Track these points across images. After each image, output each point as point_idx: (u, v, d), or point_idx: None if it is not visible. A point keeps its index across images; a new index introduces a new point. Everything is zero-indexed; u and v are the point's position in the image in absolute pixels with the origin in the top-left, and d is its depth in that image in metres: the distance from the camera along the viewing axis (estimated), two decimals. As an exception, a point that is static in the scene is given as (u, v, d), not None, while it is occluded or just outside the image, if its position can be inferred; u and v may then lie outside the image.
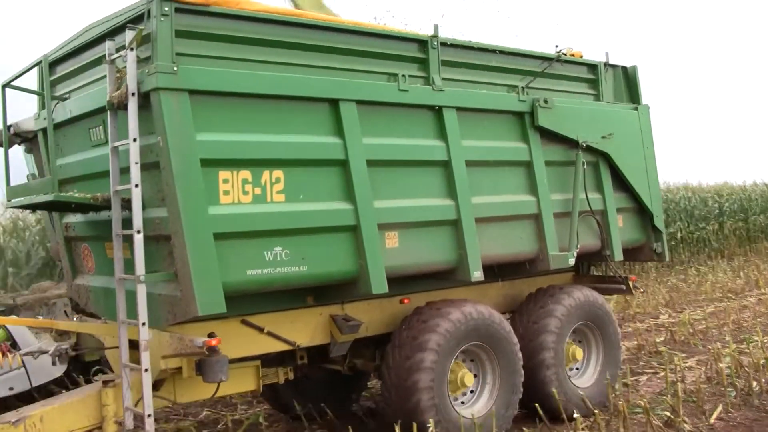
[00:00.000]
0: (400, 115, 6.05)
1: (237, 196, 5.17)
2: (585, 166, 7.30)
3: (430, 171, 6.24)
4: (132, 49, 4.91)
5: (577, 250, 7.20)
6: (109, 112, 5.13)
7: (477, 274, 6.41)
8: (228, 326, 5.65)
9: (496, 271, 7.14)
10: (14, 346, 7.32)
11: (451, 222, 6.31)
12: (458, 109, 6.38)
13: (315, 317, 6.14)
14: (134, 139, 4.92)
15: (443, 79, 6.34)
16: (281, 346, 6.00)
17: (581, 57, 7.72)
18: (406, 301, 6.63)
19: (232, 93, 5.13)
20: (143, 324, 4.98)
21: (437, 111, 6.25)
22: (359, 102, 5.74)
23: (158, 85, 4.78)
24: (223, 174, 5.11)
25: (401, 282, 6.25)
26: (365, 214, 5.71)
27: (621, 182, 7.79)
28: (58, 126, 6.03)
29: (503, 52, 6.91)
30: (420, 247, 6.17)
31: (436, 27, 6.33)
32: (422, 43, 6.28)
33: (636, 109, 8.01)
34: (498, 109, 6.74)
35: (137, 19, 5.04)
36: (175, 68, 4.84)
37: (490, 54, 6.81)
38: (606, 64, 7.90)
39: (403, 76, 6.03)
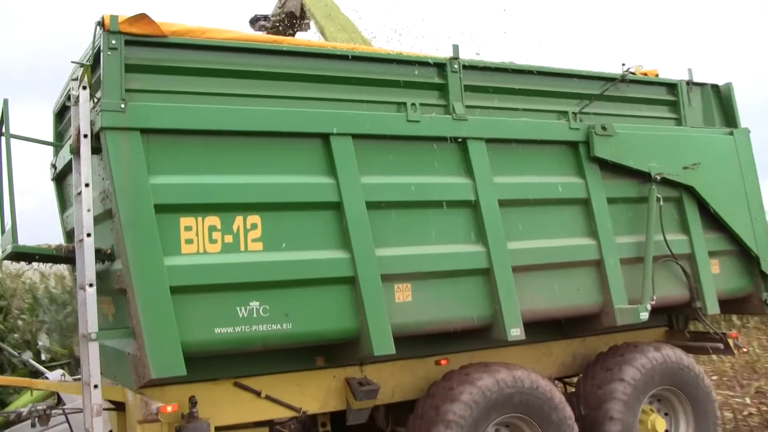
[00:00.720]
0: (411, 150, 5.30)
1: (203, 245, 4.61)
2: (661, 203, 6.18)
3: (452, 213, 5.41)
4: (84, 88, 4.53)
5: (652, 302, 6.05)
6: (73, 157, 4.76)
7: (515, 332, 5.47)
8: (219, 389, 5.07)
9: (563, 325, 6.17)
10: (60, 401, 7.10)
11: (480, 271, 5.43)
12: (488, 140, 5.54)
13: (327, 380, 5.43)
14: (86, 185, 4.50)
15: (469, 106, 5.55)
16: (284, 413, 5.33)
17: (656, 76, 6.65)
18: (443, 362, 5.79)
19: (195, 131, 4.62)
20: (95, 386, 4.48)
21: (461, 143, 5.45)
22: (357, 136, 5.06)
23: (103, 125, 4.36)
24: (186, 221, 4.57)
25: (438, 340, 5.48)
26: (364, 264, 4.98)
27: (714, 220, 6.57)
28: (62, 176, 5.80)
29: (548, 74, 6.00)
30: (441, 302, 5.33)
31: (455, 48, 5.56)
32: (440, 66, 5.52)
33: (731, 133, 6.78)
34: (542, 139, 5.82)
35: (98, 55, 4.67)
36: (123, 105, 4.39)
37: (531, 77, 5.93)
38: (689, 83, 6.75)
39: (413, 104, 5.30)
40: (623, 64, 6.42)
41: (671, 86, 6.70)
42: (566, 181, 5.90)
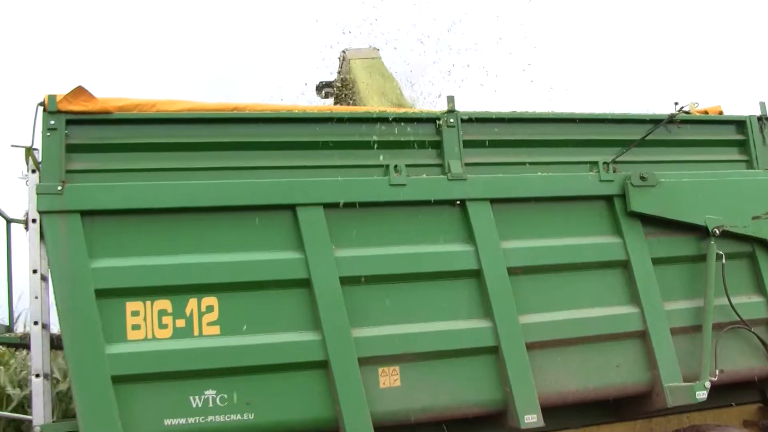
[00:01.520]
0: (397, 217, 4.77)
1: (151, 331, 4.31)
2: (724, 260, 5.20)
3: (451, 285, 4.79)
4: (34, 171, 4.42)
5: (714, 378, 5.06)
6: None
7: (530, 419, 4.72)
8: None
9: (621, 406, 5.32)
10: None
11: (487, 350, 4.76)
12: (494, 200, 4.90)
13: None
14: (34, 271, 4.36)
15: (475, 164, 4.95)
16: None
17: (720, 113, 5.70)
18: None
19: (141, 210, 4.37)
20: (36, 483, 4.26)
21: (460, 206, 4.85)
22: (329, 205, 4.62)
23: (39, 209, 4.22)
24: (132, 305, 4.31)
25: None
26: (337, 346, 4.48)
27: None
28: None
29: (572, 121, 5.28)
30: (438, 386, 4.69)
31: (450, 99, 5.00)
32: (433, 121, 4.97)
33: None
34: (565, 195, 5.08)
35: None
36: (60, 188, 4.23)
37: (551, 125, 5.24)
38: (763, 119, 5.72)
39: (396, 167, 4.78)
40: (676, 103, 5.56)
41: (738, 124, 5.71)
42: (598, 242, 5.10)
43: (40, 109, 4.36)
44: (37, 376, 4.31)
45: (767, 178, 5.52)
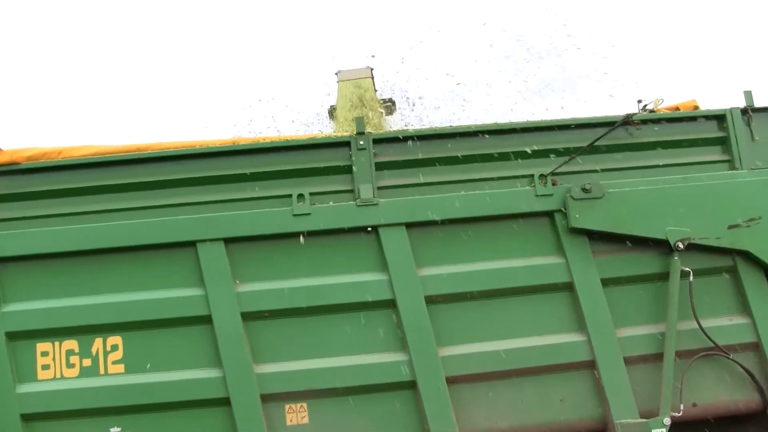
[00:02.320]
0: (304, 248, 4.64)
1: (59, 370, 4.52)
2: (692, 278, 4.59)
3: (362, 316, 4.59)
4: None
5: (678, 413, 4.49)
6: None
7: None
8: None
9: None
10: None
11: (403, 385, 4.52)
12: (409, 225, 4.63)
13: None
14: None
15: (382, 187, 4.71)
16: None
17: (695, 108, 5.02)
18: None
19: (47, 254, 4.57)
20: None
21: (371, 232, 4.64)
22: (230, 240, 4.58)
23: (-47, 256, 4.53)
24: (42, 346, 4.53)
25: None
26: (239, 383, 4.46)
27: None
28: None
29: (503, 131, 4.86)
30: (350, 424, 4.53)
31: (360, 121, 4.77)
32: (343, 145, 4.79)
33: None
34: (493, 214, 4.69)
35: None
36: None
37: (478, 139, 4.85)
38: (747, 111, 4.95)
39: (300, 195, 4.64)
40: (639, 101, 4.97)
41: (717, 119, 4.98)
42: (536, 264, 4.66)
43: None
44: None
45: (749, 180, 4.77)
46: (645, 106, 4.93)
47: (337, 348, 4.56)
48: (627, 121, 4.83)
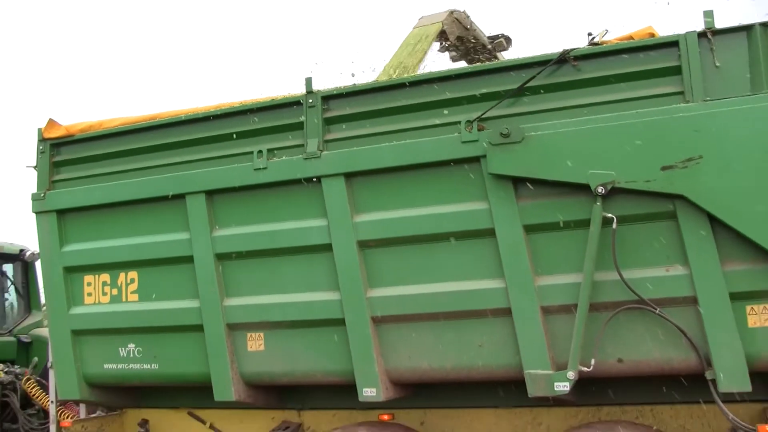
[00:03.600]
0: (264, 198, 5.20)
1: (98, 297, 5.71)
2: (615, 225, 4.27)
3: (308, 259, 5.05)
4: None
5: (588, 369, 4.27)
6: None
7: (369, 393, 4.80)
8: (177, 416, 5.98)
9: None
10: None
11: (336, 322, 4.92)
12: (348, 175, 4.94)
13: (267, 420, 5.69)
14: None
15: (329, 141, 5.06)
16: (228, 444, 5.83)
17: (652, 36, 4.47)
18: (385, 417, 5.29)
19: (91, 206, 5.74)
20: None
21: (317, 182, 5.04)
22: (210, 192, 5.33)
23: (32, 210, 5.92)
24: (88, 278, 5.76)
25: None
26: (209, 314, 5.25)
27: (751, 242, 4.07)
28: None
29: (430, 81, 4.86)
30: (293, 353, 5.08)
31: (308, 81, 5.12)
32: (291, 105, 5.19)
33: None
34: (422, 162, 4.77)
35: None
36: (43, 195, 5.87)
37: (410, 90, 4.91)
38: (707, 33, 4.27)
39: (260, 152, 5.18)
40: (589, 34, 4.61)
41: (671, 46, 4.37)
42: (461, 210, 4.67)
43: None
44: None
45: (689, 114, 4.19)
46: (593, 38, 4.58)
47: (288, 285, 5.09)
48: (564, 58, 4.54)
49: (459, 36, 7.12)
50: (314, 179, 5.04)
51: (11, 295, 9.17)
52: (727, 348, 4.09)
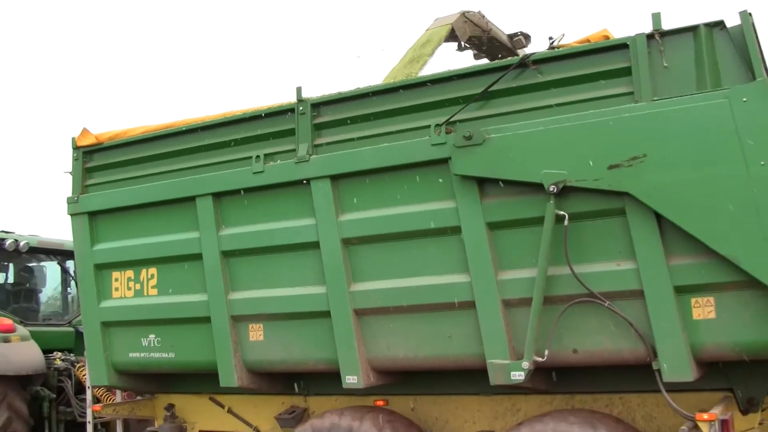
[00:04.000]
0: (262, 199, 5.63)
1: (123, 292, 6.29)
2: (566, 222, 4.49)
3: (298, 255, 5.46)
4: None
5: (542, 359, 4.52)
6: None
7: (351, 380, 5.19)
8: (200, 401, 6.53)
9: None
10: None
11: (322, 314, 5.31)
12: (334, 177, 5.31)
13: (277, 405, 6.15)
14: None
15: (319, 145, 5.44)
16: (243, 427, 6.31)
17: (607, 38, 4.65)
18: (379, 402, 5.67)
19: (116, 209, 6.31)
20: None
21: (306, 185, 5.43)
22: (216, 195, 5.79)
23: (67, 213, 6.54)
24: (115, 274, 6.34)
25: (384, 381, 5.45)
26: (215, 307, 5.73)
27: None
28: None
29: (403, 87, 5.19)
30: (288, 342, 5.51)
31: (298, 90, 5.50)
32: (286, 112, 5.58)
33: (727, 98, 4.13)
34: (399, 164, 5.08)
35: None
36: (76, 198, 6.48)
37: (385, 96, 5.23)
38: (655, 36, 4.40)
39: (258, 157, 5.61)
40: (550, 38, 4.83)
41: (620, 48, 4.52)
42: (432, 208, 4.98)
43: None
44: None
45: (635, 114, 4.35)
46: (552, 42, 4.79)
47: (283, 280, 5.52)
48: (524, 62, 4.77)
49: (473, 36, 7.35)
50: (304, 181, 5.43)
51: (72, 289, 9.99)
52: (670, 339, 4.27)
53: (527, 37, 7.76)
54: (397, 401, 5.63)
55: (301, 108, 5.53)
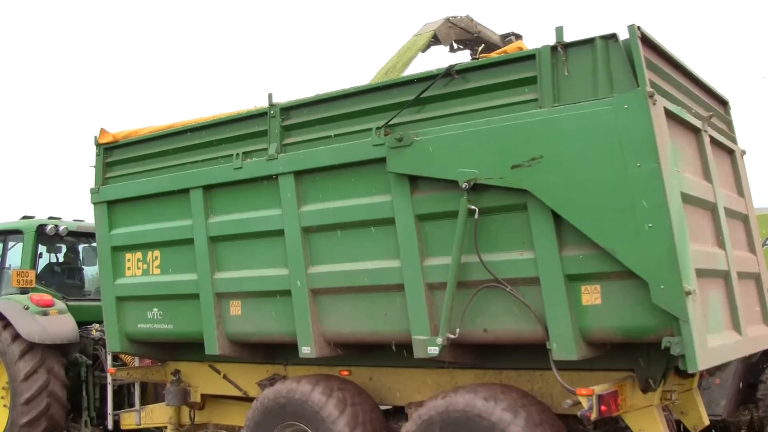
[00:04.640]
0: (241, 192, 6.37)
1: (134, 271, 7.17)
2: (476, 216, 5.04)
3: (269, 241, 6.18)
4: None
5: (453, 336, 5.09)
6: None
7: (306, 351, 5.90)
8: (201, 368, 7.36)
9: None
10: None
11: (285, 292, 6.02)
12: (297, 173, 5.99)
13: (263, 372, 6.92)
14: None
15: (287, 144, 6.12)
16: (237, 392, 7.11)
17: (520, 50, 5.11)
18: (344, 372, 6.37)
19: (128, 198, 7.18)
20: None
21: (275, 179, 6.12)
22: (205, 187, 6.56)
23: (91, 201, 7.46)
24: (127, 255, 7.23)
25: (348, 353, 6.16)
26: (203, 285, 6.52)
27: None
28: None
29: (354, 94, 5.78)
30: (260, 317, 6.25)
31: (269, 96, 6.18)
32: (261, 115, 6.27)
33: (612, 105, 4.56)
34: (348, 162, 5.72)
35: None
36: (98, 189, 7.39)
37: (342, 101, 5.83)
38: (558, 48, 4.84)
39: (238, 154, 6.33)
40: (474, 50, 5.33)
41: (529, 59, 4.97)
42: (373, 201, 5.61)
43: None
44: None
45: (534, 120, 4.83)
46: (476, 53, 5.30)
47: (256, 263, 6.26)
48: (449, 72, 5.30)
49: (458, 39, 7.85)
50: (273, 176, 6.13)
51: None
52: (560, 322, 4.76)
53: (518, 37, 8.20)
54: (358, 371, 6.30)
55: (272, 111, 6.23)
